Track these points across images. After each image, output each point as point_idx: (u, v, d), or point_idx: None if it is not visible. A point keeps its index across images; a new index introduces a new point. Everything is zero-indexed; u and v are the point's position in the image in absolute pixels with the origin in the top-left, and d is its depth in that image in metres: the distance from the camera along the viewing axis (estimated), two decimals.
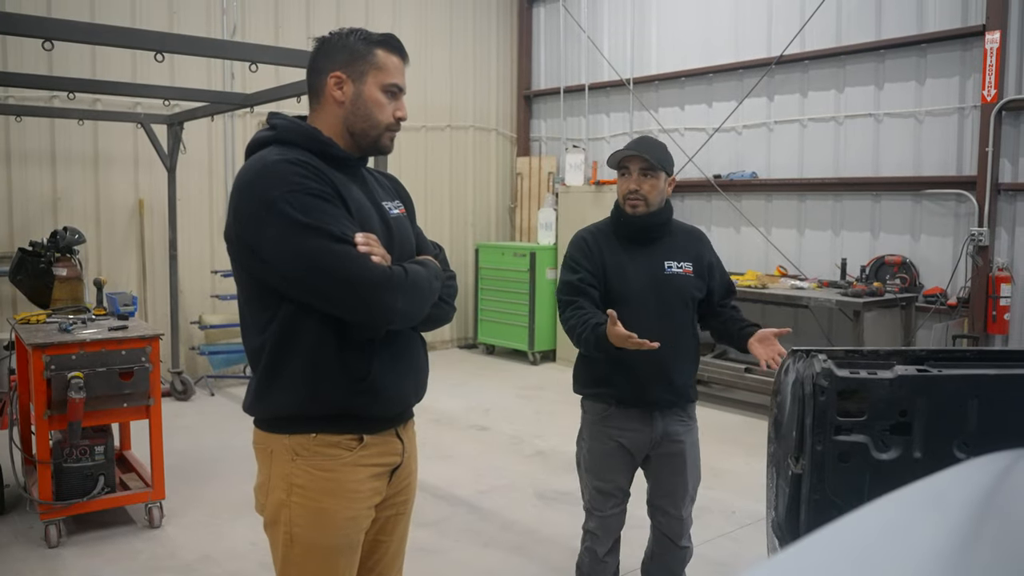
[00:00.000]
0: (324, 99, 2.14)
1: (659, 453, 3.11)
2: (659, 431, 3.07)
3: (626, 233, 3.11)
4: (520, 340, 9.27)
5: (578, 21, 9.63)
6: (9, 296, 7.00)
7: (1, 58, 6.93)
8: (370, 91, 2.12)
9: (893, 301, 6.54)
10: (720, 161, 8.14)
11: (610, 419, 3.08)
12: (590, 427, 3.16)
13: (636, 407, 3.05)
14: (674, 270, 3.07)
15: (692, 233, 3.27)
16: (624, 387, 3.02)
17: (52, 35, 3.38)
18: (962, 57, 6.53)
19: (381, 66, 2.12)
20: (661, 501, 3.19)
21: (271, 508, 2.12)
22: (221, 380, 7.90)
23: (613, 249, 3.09)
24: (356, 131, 2.14)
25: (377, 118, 2.13)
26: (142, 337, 4.37)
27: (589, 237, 3.14)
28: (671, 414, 3.10)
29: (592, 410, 3.15)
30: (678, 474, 3.14)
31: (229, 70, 8.01)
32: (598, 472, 3.14)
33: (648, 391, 3.02)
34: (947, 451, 2.14)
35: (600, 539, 3.15)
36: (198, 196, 8.08)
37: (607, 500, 3.13)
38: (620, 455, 3.10)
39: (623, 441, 3.08)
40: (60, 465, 4.28)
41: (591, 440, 3.15)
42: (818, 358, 2.21)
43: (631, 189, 3.03)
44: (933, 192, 6.70)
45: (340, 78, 2.11)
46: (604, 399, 3.09)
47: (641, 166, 3.03)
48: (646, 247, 3.10)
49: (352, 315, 2.01)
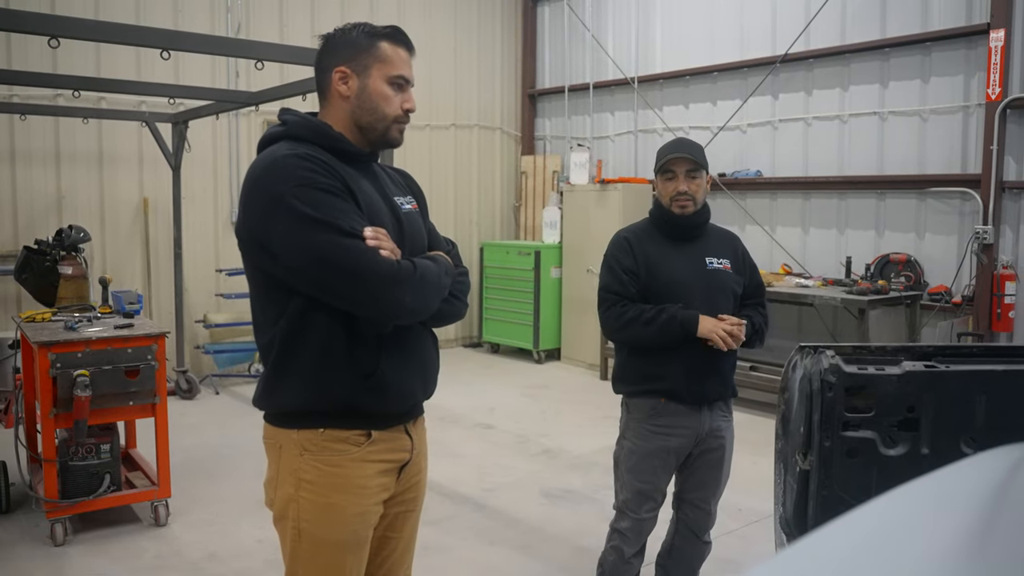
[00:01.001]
0: (331, 95, 2.15)
1: (701, 450, 3.12)
2: (705, 428, 3.09)
3: (669, 232, 3.15)
4: (525, 339, 9.27)
5: (582, 20, 9.63)
6: (14, 295, 7.02)
7: (5, 56, 6.95)
8: (375, 84, 2.12)
9: (898, 299, 6.54)
10: (725, 159, 8.13)
11: (658, 416, 3.07)
12: (636, 426, 3.13)
13: (687, 402, 3.05)
14: (715, 265, 3.12)
15: (726, 234, 3.34)
16: (678, 380, 3.03)
17: (59, 32, 3.38)
18: (967, 55, 6.51)
19: (386, 59, 2.12)
20: (692, 495, 3.20)
21: (280, 503, 2.12)
22: (226, 379, 7.90)
23: (657, 246, 3.13)
24: (364, 125, 2.14)
25: (383, 111, 2.13)
26: (148, 335, 4.38)
27: (631, 236, 3.17)
28: (716, 408, 3.12)
29: (639, 408, 3.13)
30: (716, 469, 3.16)
31: (233, 68, 8.02)
32: (640, 473, 3.12)
33: (701, 383, 3.05)
34: (955, 447, 2.14)
35: (630, 540, 3.16)
36: (203, 195, 8.09)
37: (645, 502, 3.12)
38: (664, 456, 3.10)
39: (669, 443, 3.08)
40: (66, 463, 4.29)
41: (635, 439, 3.13)
42: (826, 354, 2.21)
43: (680, 190, 3.06)
44: (938, 190, 6.69)
45: (344, 73, 2.11)
46: (654, 394, 3.08)
47: (688, 168, 3.06)
48: (687, 243, 3.14)
49: (360, 309, 2.01)
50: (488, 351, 9.82)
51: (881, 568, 0.90)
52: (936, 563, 0.92)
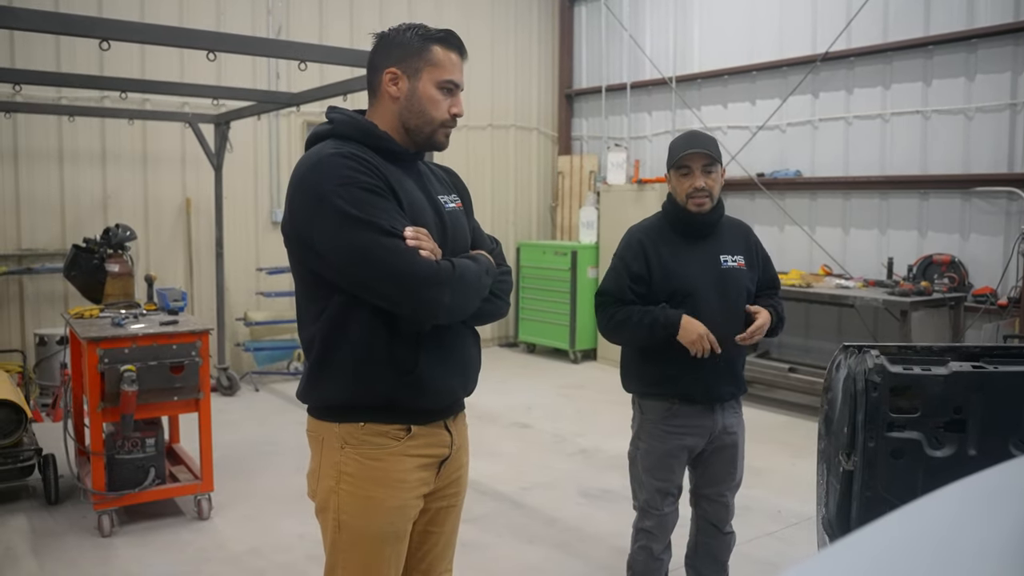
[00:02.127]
0: (380, 95, 2.17)
1: (715, 447, 3.12)
2: (719, 426, 3.09)
3: (683, 229, 3.09)
4: (561, 339, 9.27)
5: (620, 19, 9.60)
6: (61, 292, 7.17)
7: (55, 59, 7.10)
8: (424, 87, 2.14)
9: (941, 301, 6.43)
10: (764, 159, 8.06)
11: (672, 418, 3.06)
12: (650, 427, 3.11)
13: (701, 403, 3.04)
14: (729, 263, 3.07)
15: (739, 226, 3.25)
16: (691, 384, 3.01)
17: (109, 35, 3.46)
18: (1014, 52, 6.39)
19: (437, 63, 2.14)
20: (708, 490, 3.19)
21: (321, 495, 2.15)
22: (265, 376, 8.01)
23: (671, 245, 3.08)
24: (411, 127, 2.16)
25: (431, 114, 2.15)
26: (192, 332, 4.45)
27: (644, 238, 3.10)
28: (729, 406, 3.12)
29: (652, 409, 3.11)
30: (730, 464, 3.16)
31: (274, 70, 8.12)
32: (658, 472, 3.11)
33: (715, 385, 3.03)
34: (1003, 449, 2.11)
35: (657, 537, 3.15)
36: (244, 195, 8.20)
37: (665, 499, 3.13)
38: (680, 454, 3.10)
39: (684, 441, 3.07)
40: (113, 456, 4.38)
41: (651, 440, 3.11)
42: (870, 354, 2.20)
43: (698, 187, 2.99)
44: (983, 190, 6.57)
45: (395, 74, 2.14)
46: (667, 397, 3.06)
47: (704, 163, 3.00)
48: (701, 242, 3.09)
49: (398, 308, 2.03)
50: (524, 351, 9.84)
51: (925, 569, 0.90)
52: (984, 565, 0.91)
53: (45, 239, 7.25)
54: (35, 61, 6.86)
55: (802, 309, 7.63)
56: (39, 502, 4.78)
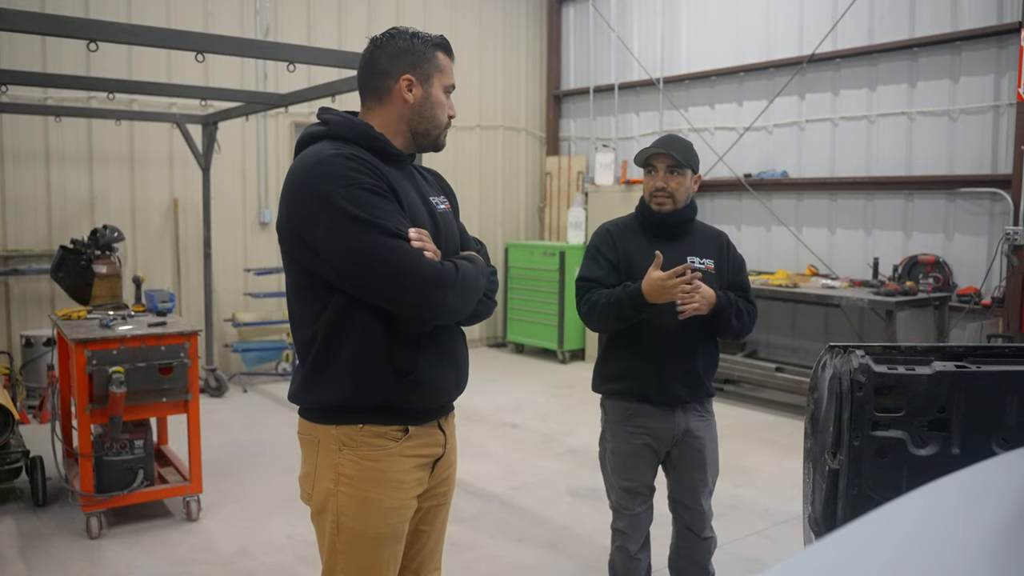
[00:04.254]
0: (390, 99, 2.17)
1: (680, 451, 3.12)
2: (681, 428, 3.09)
3: (651, 228, 3.14)
4: (549, 339, 9.29)
5: (608, 20, 9.64)
6: (48, 293, 7.14)
7: (41, 59, 7.07)
8: (436, 93, 2.19)
9: (926, 300, 6.49)
10: (751, 160, 8.11)
11: (633, 417, 3.09)
12: (613, 427, 3.17)
13: (657, 404, 3.05)
14: (698, 265, 3.07)
15: (715, 234, 3.27)
16: (648, 382, 3.03)
17: (98, 37, 3.46)
18: (997, 55, 6.46)
19: (443, 68, 2.20)
20: (682, 496, 3.20)
21: (318, 497, 2.15)
22: (254, 377, 7.99)
23: (639, 243, 3.12)
24: (420, 131, 2.19)
25: (440, 118, 2.21)
26: (181, 333, 4.45)
27: (614, 230, 3.18)
28: (691, 410, 3.11)
29: (614, 410, 3.16)
30: (698, 470, 3.15)
31: (262, 70, 8.11)
32: (624, 472, 3.15)
33: (670, 386, 3.03)
34: (986, 447, 2.14)
35: (631, 537, 3.17)
36: (232, 196, 8.18)
37: (635, 498, 3.15)
38: (645, 453, 3.11)
39: (648, 439, 3.09)
40: (101, 458, 4.37)
41: (615, 440, 3.16)
42: (855, 354, 2.22)
43: (658, 187, 3.06)
44: (967, 191, 6.64)
45: (411, 80, 2.16)
46: (626, 396, 3.09)
47: (668, 164, 3.05)
48: (671, 242, 3.10)
49: (402, 309, 2.04)
50: (512, 351, 9.85)
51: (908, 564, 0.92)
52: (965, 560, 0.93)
53: (32, 240, 7.22)
54: (21, 61, 6.82)
55: (789, 309, 7.68)
56: (26, 504, 4.76)
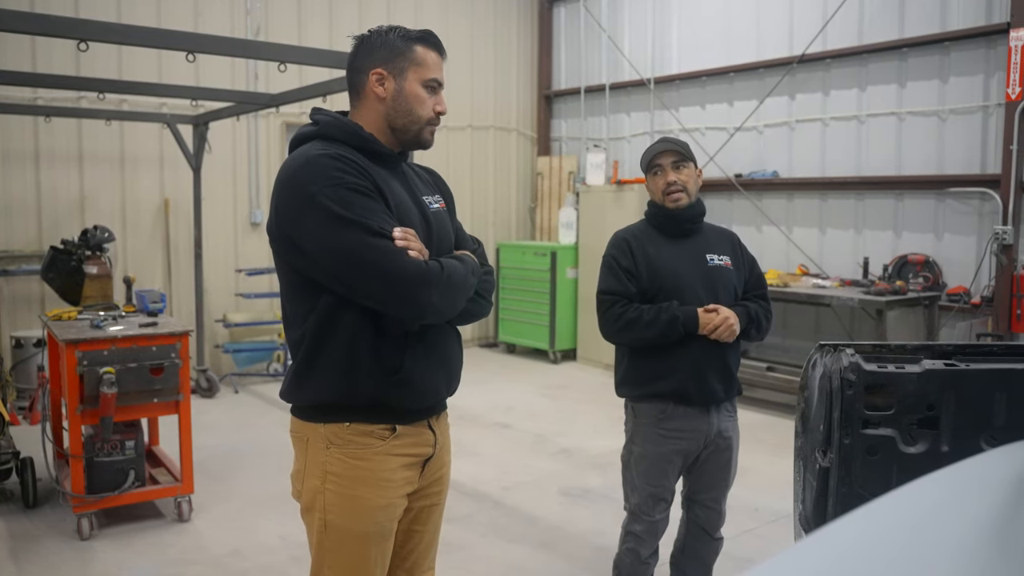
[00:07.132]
0: (365, 95, 2.19)
1: (709, 452, 3.11)
2: (714, 430, 3.07)
3: (667, 229, 3.13)
4: (541, 339, 9.30)
5: (599, 21, 9.65)
6: (38, 294, 7.11)
7: (30, 58, 7.04)
8: (411, 87, 2.17)
9: (916, 300, 6.52)
10: (741, 160, 8.13)
11: (667, 421, 3.05)
12: (644, 430, 3.10)
13: (695, 404, 3.03)
14: (716, 262, 3.09)
15: (725, 232, 3.31)
16: (686, 382, 3.00)
17: (88, 36, 3.45)
18: (986, 55, 6.49)
19: (421, 62, 2.18)
20: (702, 496, 3.20)
21: (307, 495, 2.17)
22: (245, 377, 7.98)
23: (656, 245, 3.11)
24: (398, 126, 2.19)
25: (418, 113, 2.19)
26: (172, 333, 4.44)
27: (630, 237, 3.14)
28: (723, 409, 3.10)
29: (647, 413, 3.09)
30: (724, 470, 3.16)
31: (253, 70, 8.10)
32: (653, 477, 3.10)
33: (708, 383, 3.01)
34: (975, 445, 2.15)
35: (645, 542, 3.16)
36: (223, 196, 8.17)
37: (657, 504, 3.12)
38: (675, 459, 3.09)
39: (680, 445, 3.06)
40: (92, 459, 4.36)
41: (645, 444, 3.09)
42: (846, 352, 2.23)
43: (670, 181, 3.06)
44: (957, 191, 6.67)
45: (381, 75, 2.16)
46: (662, 398, 3.04)
47: (673, 159, 3.07)
48: (685, 240, 3.12)
49: (387, 308, 2.05)
50: (504, 351, 9.86)
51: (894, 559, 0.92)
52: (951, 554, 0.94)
53: (22, 240, 7.19)
54: (10, 61, 6.79)
55: (780, 309, 7.70)
56: (17, 506, 4.74)
